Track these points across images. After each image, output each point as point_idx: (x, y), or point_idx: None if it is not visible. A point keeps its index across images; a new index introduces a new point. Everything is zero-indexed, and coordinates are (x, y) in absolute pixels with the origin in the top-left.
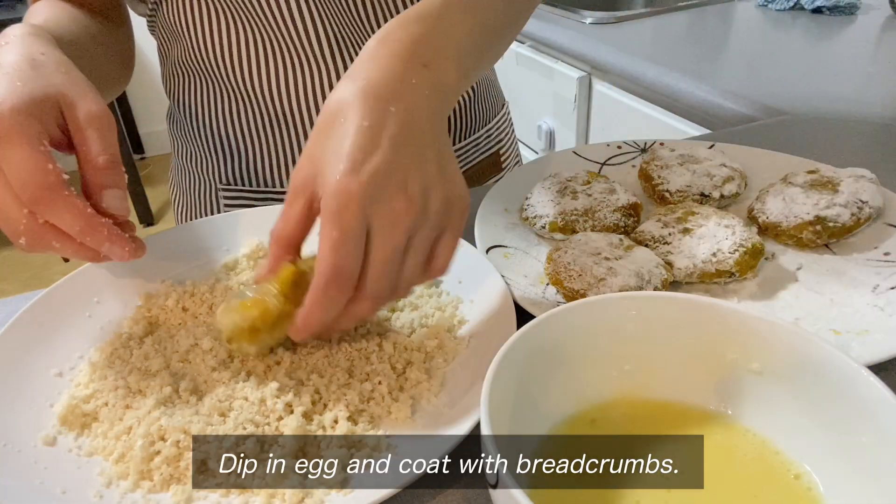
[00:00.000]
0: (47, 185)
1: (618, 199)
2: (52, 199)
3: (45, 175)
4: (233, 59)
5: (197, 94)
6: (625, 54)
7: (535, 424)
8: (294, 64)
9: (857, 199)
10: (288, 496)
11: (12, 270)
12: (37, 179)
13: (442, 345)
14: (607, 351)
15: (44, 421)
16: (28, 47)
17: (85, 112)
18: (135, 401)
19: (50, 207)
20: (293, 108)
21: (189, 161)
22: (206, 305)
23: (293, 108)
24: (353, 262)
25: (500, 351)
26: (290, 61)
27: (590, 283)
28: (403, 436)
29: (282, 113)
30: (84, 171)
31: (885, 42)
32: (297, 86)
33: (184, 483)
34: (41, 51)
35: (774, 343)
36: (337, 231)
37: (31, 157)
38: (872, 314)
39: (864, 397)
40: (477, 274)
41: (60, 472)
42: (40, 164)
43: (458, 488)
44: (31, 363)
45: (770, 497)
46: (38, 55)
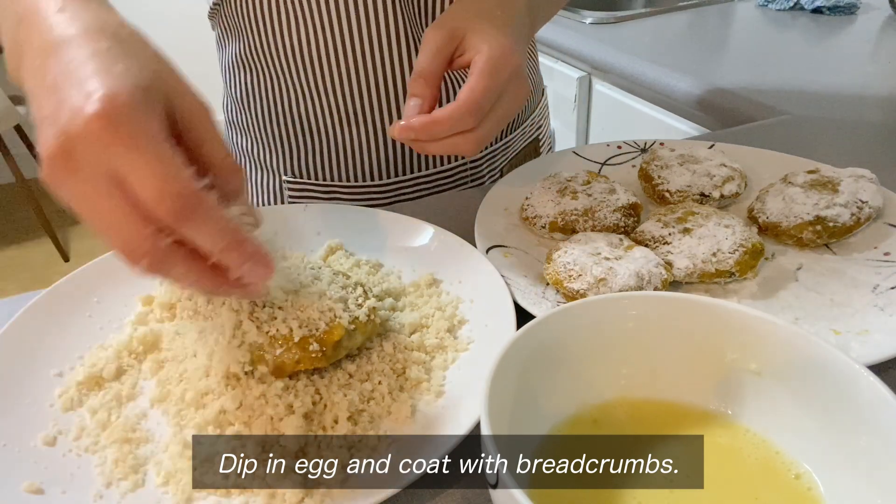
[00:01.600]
0: (189, 193)
1: (618, 199)
2: (196, 210)
3: (185, 182)
4: (302, 55)
5: (261, 88)
6: (625, 54)
7: (535, 424)
8: (366, 62)
9: (857, 199)
10: (288, 496)
11: (12, 270)
12: (177, 188)
13: (442, 345)
14: (607, 351)
15: (44, 421)
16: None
17: (196, 103)
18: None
19: (194, 220)
20: (363, 107)
21: (250, 151)
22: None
23: (363, 107)
24: (489, 104)
25: (500, 351)
26: (363, 60)
27: (590, 283)
28: (403, 436)
29: (352, 111)
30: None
31: (885, 42)
32: (367, 85)
33: (184, 483)
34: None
35: (774, 343)
36: (493, 81)
37: (164, 161)
38: (872, 314)
39: (864, 397)
40: (477, 274)
41: (60, 472)
42: (176, 168)
43: (458, 488)
44: (31, 363)
45: (770, 497)
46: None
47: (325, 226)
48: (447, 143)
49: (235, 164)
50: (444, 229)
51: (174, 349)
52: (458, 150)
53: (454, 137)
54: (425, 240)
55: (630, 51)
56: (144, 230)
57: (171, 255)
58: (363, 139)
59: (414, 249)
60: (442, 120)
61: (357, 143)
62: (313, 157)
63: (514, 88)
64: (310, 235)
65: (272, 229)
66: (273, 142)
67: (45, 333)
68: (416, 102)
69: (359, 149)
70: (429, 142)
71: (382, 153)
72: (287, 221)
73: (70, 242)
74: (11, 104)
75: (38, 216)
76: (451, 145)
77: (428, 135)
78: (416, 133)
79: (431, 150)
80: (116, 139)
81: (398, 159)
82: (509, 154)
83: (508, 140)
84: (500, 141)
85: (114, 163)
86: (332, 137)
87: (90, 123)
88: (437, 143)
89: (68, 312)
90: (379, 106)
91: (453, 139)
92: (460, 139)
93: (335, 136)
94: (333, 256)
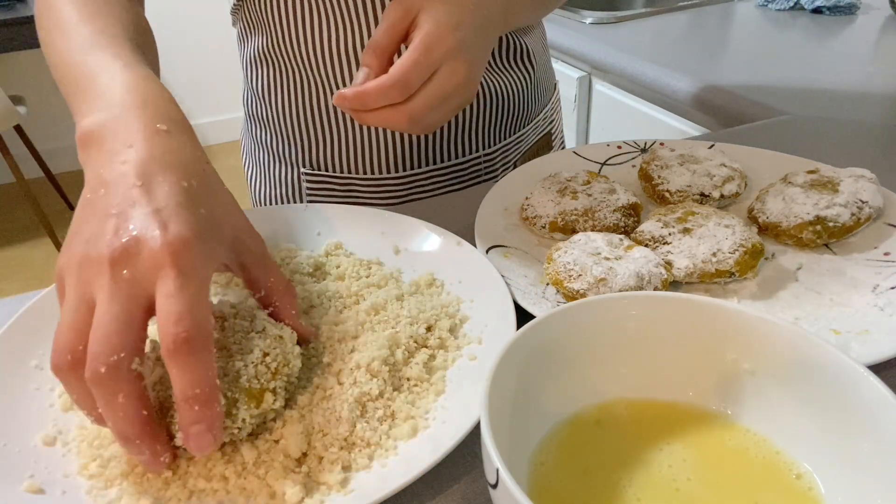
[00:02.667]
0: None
1: (618, 199)
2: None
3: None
4: (322, 51)
5: (281, 83)
6: (625, 54)
7: (535, 424)
8: None
9: (857, 199)
10: (288, 496)
11: (12, 270)
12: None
13: (442, 345)
14: (607, 351)
15: (44, 421)
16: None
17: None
18: None
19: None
20: None
21: (269, 144)
22: None
23: None
24: (418, 81)
25: (500, 351)
26: None
27: (590, 283)
28: (403, 436)
29: None
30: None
31: (885, 42)
32: None
33: (184, 483)
34: (204, 160)
35: (774, 343)
36: (423, 56)
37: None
38: (872, 314)
39: (864, 397)
40: (477, 274)
41: (60, 472)
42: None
43: (458, 488)
44: (31, 363)
45: (771, 497)
46: (205, 165)
47: (325, 226)
48: (379, 115)
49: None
50: (444, 229)
51: None
52: (390, 124)
53: (385, 110)
54: (425, 239)
55: (630, 51)
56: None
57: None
58: (381, 133)
59: (414, 249)
60: (370, 91)
61: (374, 136)
62: (331, 150)
63: (449, 68)
64: (310, 235)
65: (272, 229)
66: (292, 135)
67: (45, 333)
68: (363, 73)
69: (376, 142)
70: (363, 112)
71: (399, 146)
72: (287, 221)
73: None
74: (11, 104)
75: (38, 216)
76: (383, 118)
77: (359, 104)
78: (349, 102)
79: (367, 120)
80: (173, 267)
81: (414, 152)
82: (522, 148)
83: (521, 134)
84: (513, 135)
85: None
86: (350, 131)
87: (161, 247)
88: (371, 115)
89: None
90: None
91: (385, 112)
92: (390, 112)
93: (353, 129)
94: (333, 256)
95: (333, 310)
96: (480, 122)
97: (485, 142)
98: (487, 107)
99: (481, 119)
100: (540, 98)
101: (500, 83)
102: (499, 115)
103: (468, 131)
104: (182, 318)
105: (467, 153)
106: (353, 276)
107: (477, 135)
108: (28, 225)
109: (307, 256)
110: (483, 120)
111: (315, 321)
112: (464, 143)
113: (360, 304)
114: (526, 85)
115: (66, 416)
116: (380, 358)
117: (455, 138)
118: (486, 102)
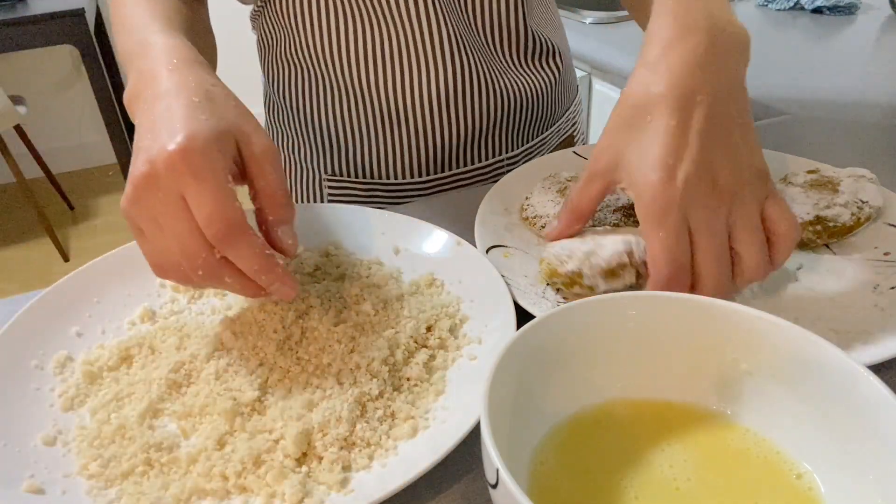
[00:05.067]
0: (233, 223)
1: (618, 199)
2: (237, 237)
3: (232, 213)
4: (346, 55)
5: (303, 88)
6: (625, 54)
7: (535, 424)
8: (410, 62)
9: (857, 199)
10: (288, 496)
11: (12, 270)
12: (224, 217)
13: (442, 344)
14: (607, 351)
15: (44, 421)
16: (199, 77)
17: (260, 147)
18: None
19: (233, 245)
20: (406, 106)
21: (291, 150)
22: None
23: (406, 106)
24: (684, 254)
25: (500, 351)
26: (407, 57)
27: (580, 259)
28: (403, 436)
29: (394, 110)
30: (262, 204)
31: (885, 42)
32: (410, 82)
33: (184, 483)
34: (212, 82)
35: (775, 343)
36: (663, 231)
37: (219, 193)
38: (872, 314)
39: (864, 397)
40: (477, 274)
41: (60, 473)
42: (228, 201)
43: (458, 488)
44: (31, 363)
45: (771, 497)
46: (210, 87)
47: (325, 226)
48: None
49: (284, 197)
50: (444, 229)
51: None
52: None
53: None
54: (425, 239)
55: (630, 51)
56: (204, 244)
57: (222, 269)
58: (404, 138)
59: (414, 249)
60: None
61: (398, 142)
62: (353, 156)
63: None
64: (310, 235)
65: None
66: (314, 140)
67: (45, 333)
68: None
69: (399, 148)
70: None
71: (423, 152)
72: None
73: (70, 242)
74: (11, 104)
75: (38, 216)
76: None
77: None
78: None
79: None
80: (188, 170)
81: (438, 157)
82: (545, 150)
83: (545, 136)
84: (537, 137)
85: (182, 189)
86: (372, 137)
87: (172, 156)
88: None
89: (68, 312)
90: (421, 105)
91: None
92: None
93: (376, 135)
94: (333, 256)
95: (333, 310)
96: (505, 125)
97: (509, 145)
98: (513, 109)
99: (506, 121)
100: (565, 99)
101: (526, 84)
102: (524, 117)
103: (492, 135)
104: (211, 219)
105: (490, 157)
106: (353, 276)
107: (501, 138)
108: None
109: (307, 256)
110: (508, 122)
111: (315, 321)
112: (487, 147)
113: (360, 304)
114: (552, 86)
115: (66, 416)
116: (380, 358)
117: (479, 142)
118: (511, 104)
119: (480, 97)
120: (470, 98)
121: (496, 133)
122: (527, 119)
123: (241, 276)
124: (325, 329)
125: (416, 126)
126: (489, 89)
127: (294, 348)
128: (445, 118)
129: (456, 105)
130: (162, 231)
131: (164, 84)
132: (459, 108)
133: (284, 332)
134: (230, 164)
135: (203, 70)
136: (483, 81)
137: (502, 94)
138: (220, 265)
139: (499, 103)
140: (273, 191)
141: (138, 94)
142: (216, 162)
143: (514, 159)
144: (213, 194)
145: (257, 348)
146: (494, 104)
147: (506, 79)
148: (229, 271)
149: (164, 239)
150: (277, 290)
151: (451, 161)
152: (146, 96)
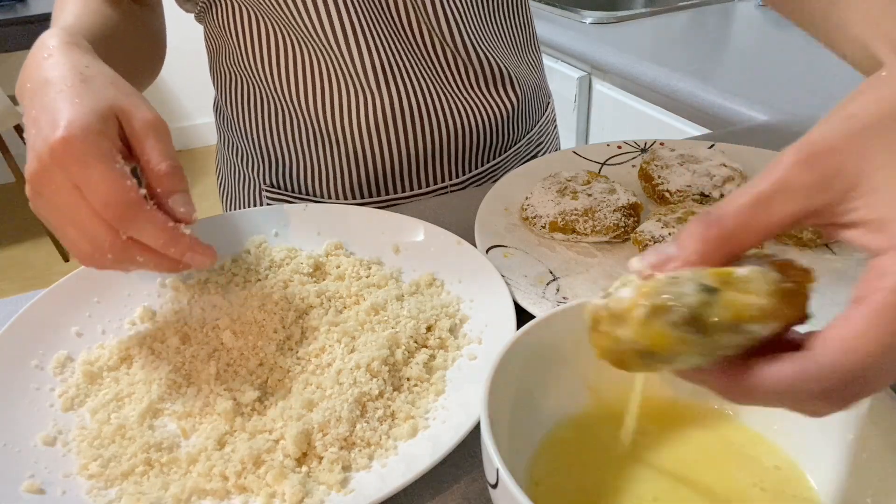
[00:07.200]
0: (129, 202)
1: (618, 199)
2: (135, 215)
3: (126, 193)
4: (279, 71)
5: (243, 97)
6: (625, 54)
7: (535, 424)
8: (340, 84)
9: None
10: (288, 496)
11: (12, 270)
12: (119, 198)
13: (442, 344)
14: None
15: (44, 421)
16: (72, 60)
17: (142, 121)
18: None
19: (134, 224)
20: (337, 126)
21: (235, 156)
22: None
23: (337, 126)
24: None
25: (500, 351)
26: (337, 81)
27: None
28: (403, 436)
29: (325, 129)
30: (149, 178)
31: None
32: (342, 105)
33: (184, 483)
34: (85, 63)
35: None
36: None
37: (108, 175)
38: None
39: None
40: (477, 274)
41: (60, 473)
42: (119, 182)
43: (458, 488)
44: (31, 363)
45: (771, 496)
46: (84, 68)
47: (325, 226)
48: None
49: (173, 166)
50: (443, 229)
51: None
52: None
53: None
54: (425, 239)
55: (630, 51)
56: (107, 228)
57: (130, 249)
58: (338, 159)
59: (414, 249)
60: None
61: (333, 162)
62: (289, 171)
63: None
64: (310, 235)
65: (272, 229)
66: (253, 149)
67: (45, 333)
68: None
69: (334, 168)
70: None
71: (358, 174)
72: (287, 221)
73: None
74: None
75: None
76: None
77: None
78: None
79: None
80: (72, 159)
81: (374, 180)
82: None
83: (497, 162)
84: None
85: (72, 178)
86: (307, 154)
87: (54, 147)
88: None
89: (68, 312)
90: (354, 129)
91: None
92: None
93: (311, 153)
94: (333, 256)
95: (333, 310)
96: (450, 152)
97: (454, 172)
98: (458, 136)
99: (450, 149)
100: (523, 125)
101: (475, 112)
102: (471, 145)
103: (434, 161)
104: (107, 203)
105: (432, 183)
106: (353, 276)
107: (444, 165)
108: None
109: (307, 256)
110: (453, 150)
111: (315, 321)
112: (428, 173)
113: (360, 304)
114: (508, 115)
115: (66, 416)
116: (380, 358)
117: (419, 168)
118: (456, 132)
119: (419, 124)
120: (408, 125)
121: (439, 160)
122: (474, 147)
123: (152, 253)
124: (325, 329)
125: (350, 148)
126: (430, 116)
127: (294, 348)
128: (378, 143)
129: (388, 131)
130: (67, 222)
131: (40, 74)
132: (393, 135)
133: (284, 332)
134: (116, 143)
135: (78, 53)
136: (423, 108)
137: (446, 122)
138: (128, 246)
139: (441, 131)
140: (156, 163)
141: (21, 87)
142: (99, 145)
143: (458, 186)
144: (103, 177)
145: (257, 348)
146: (438, 131)
147: (452, 106)
148: (139, 250)
149: (71, 230)
150: (193, 260)
151: (388, 185)
152: (26, 89)
